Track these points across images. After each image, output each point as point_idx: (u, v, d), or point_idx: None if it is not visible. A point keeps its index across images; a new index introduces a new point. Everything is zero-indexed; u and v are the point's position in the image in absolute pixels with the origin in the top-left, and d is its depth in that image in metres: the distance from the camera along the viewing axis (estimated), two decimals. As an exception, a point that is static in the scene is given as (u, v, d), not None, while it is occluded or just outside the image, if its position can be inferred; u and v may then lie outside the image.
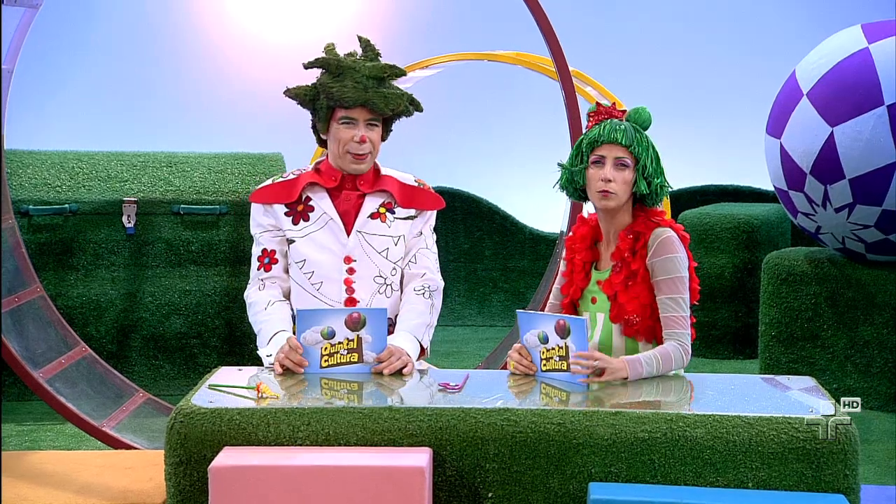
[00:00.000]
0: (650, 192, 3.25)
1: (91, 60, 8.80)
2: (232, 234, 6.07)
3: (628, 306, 3.23)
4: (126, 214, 5.95)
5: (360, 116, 3.37)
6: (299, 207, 3.43)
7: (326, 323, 3.16)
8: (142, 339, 6.00)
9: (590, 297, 3.33)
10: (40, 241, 5.89)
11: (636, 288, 3.23)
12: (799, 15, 8.97)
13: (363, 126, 3.37)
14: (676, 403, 2.95)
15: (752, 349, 6.77)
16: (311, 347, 3.17)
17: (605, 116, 3.31)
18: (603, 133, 3.25)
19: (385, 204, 3.46)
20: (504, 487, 2.78)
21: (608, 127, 3.26)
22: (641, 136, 3.28)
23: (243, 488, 2.65)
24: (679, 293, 3.21)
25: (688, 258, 3.26)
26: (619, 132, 3.24)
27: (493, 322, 8.19)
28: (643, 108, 3.32)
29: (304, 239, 3.41)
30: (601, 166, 3.24)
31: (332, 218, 3.41)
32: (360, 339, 3.17)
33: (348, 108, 3.36)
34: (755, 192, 8.39)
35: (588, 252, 3.35)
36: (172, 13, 8.87)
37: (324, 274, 3.39)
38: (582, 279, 3.34)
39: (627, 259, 3.25)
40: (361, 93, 3.35)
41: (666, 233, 3.24)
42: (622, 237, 3.27)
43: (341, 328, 3.16)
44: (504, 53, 6.93)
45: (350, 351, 3.17)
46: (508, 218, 8.47)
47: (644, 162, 3.24)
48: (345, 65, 3.38)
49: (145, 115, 8.74)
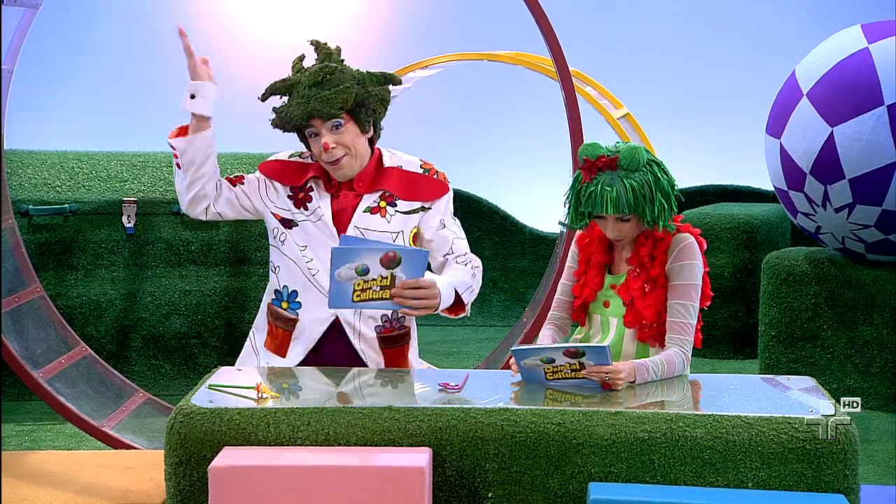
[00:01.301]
0: (660, 224, 3.20)
1: (91, 60, 8.81)
2: (232, 235, 6.07)
3: (645, 312, 3.22)
4: (126, 214, 5.96)
5: (319, 125, 3.29)
6: (300, 195, 3.40)
7: (361, 260, 3.10)
8: (142, 339, 6.01)
9: (602, 301, 3.30)
10: (40, 241, 5.89)
11: (654, 294, 3.22)
12: (799, 15, 8.98)
13: (326, 133, 3.29)
14: (676, 403, 2.95)
15: (752, 349, 6.77)
16: (344, 283, 3.11)
17: (596, 171, 3.17)
18: (598, 204, 3.15)
19: (385, 197, 3.39)
20: (504, 487, 2.78)
21: (603, 196, 3.14)
22: (638, 187, 3.14)
23: (243, 488, 2.65)
24: (690, 300, 3.20)
25: (703, 264, 3.25)
26: (610, 202, 3.13)
27: (493, 322, 8.19)
28: (635, 151, 3.15)
29: (307, 223, 3.37)
30: (605, 221, 3.20)
31: (324, 216, 3.35)
32: (395, 277, 3.12)
33: (300, 125, 3.31)
34: (755, 192, 8.39)
35: (604, 255, 3.32)
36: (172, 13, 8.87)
37: (321, 265, 3.35)
38: (598, 282, 3.31)
39: (647, 264, 3.23)
40: (304, 106, 3.27)
41: (687, 239, 3.24)
42: (641, 241, 3.25)
43: (376, 266, 3.10)
44: (504, 53, 6.93)
45: (383, 288, 3.12)
46: (508, 218, 8.48)
47: (643, 215, 3.16)
48: (290, 82, 3.33)
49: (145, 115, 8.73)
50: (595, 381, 3.02)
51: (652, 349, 3.25)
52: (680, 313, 3.20)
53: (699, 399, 3.06)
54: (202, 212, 3.46)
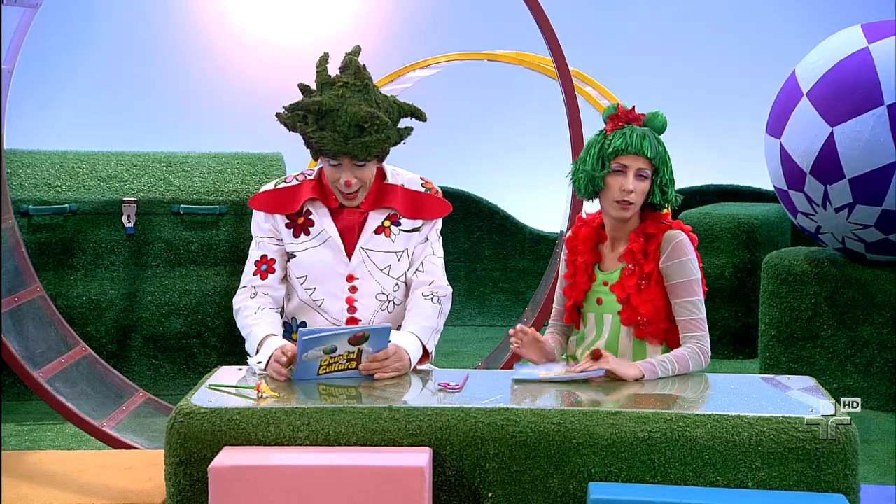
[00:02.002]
0: (663, 200, 3.25)
1: (91, 60, 8.80)
2: (232, 234, 6.07)
3: (641, 309, 3.22)
4: (126, 214, 5.96)
5: (345, 161, 3.23)
6: (300, 220, 3.35)
7: (330, 343, 3.07)
8: (142, 338, 6.00)
9: (595, 299, 3.31)
10: (40, 241, 5.89)
11: (649, 291, 3.22)
12: (799, 15, 8.97)
13: (348, 169, 3.23)
14: (676, 403, 2.95)
15: (752, 349, 6.77)
16: (311, 361, 3.10)
17: (625, 121, 3.25)
18: (630, 142, 3.19)
19: (390, 216, 3.36)
20: (504, 487, 2.78)
21: (635, 136, 3.20)
22: (661, 144, 3.24)
23: (243, 488, 2.65)
24: (695, 295, 3.21)
25: (697, 260, 3.26)
26: (645, 143, 3.19)
27: (493, 322, 8.19)
28: (660, 114, 3.27)
29: (305, 253, 3.34)
30: (622, 175, 3.19)
31: (332, 236, 3.33)
32: (361, 351, 3.12)
33: (329, 157, 3.24)
34: (755, 191, 8.39)
35: (591, 254, 3.33)
36: (172, 13, 8.87)
37: (326, 291, 3.33)
38: (585, 281, 3.31)
39: (640, 261, 3.23)
40: (342, 145, 3.18)
41: (679, 236, 3.24)
42: (633, 238, 3.25)
43: (343, 345, 3.09)
44: (504, 53, 6.93)
45: (349, 360, 3.13)
46: (508, 218, 8.47)
47: (662, 173, 3.22)
48: (326, 108, 3.19)
49: (145, 115, 8.74)
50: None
51: (650, 346, 3.25)
52: (688, 311, 3.21)
53: (699, 399, 3.06)
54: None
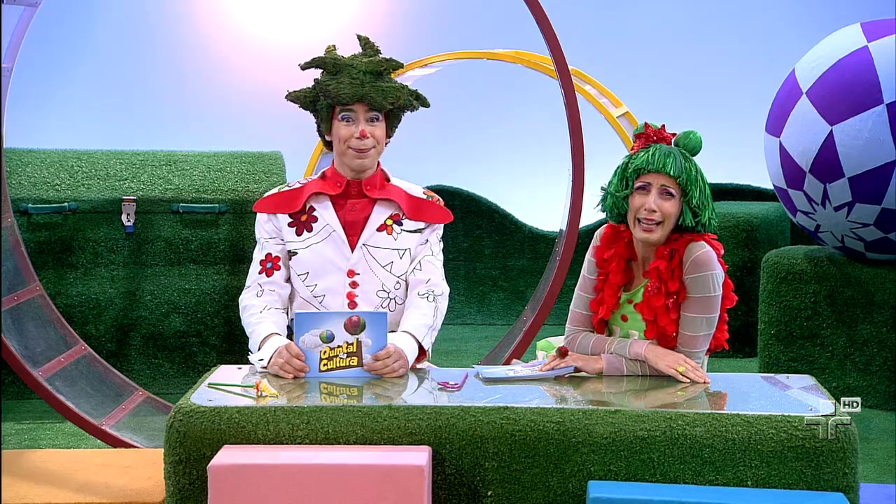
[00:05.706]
0: (696, 224, 3.13)
1: (91, 59, 8.80)
2: (231, 233, 6.06)
3: (669, 329, 3.15)
4: (125, 213, 5.95)
5: (360, 112, 3.36)
6: (303, 217, 3.40)
7: (325, 326, 3.14)
8: (141, 337, 6.00)
9: (619, 316, 3.25)
10: (40, 240, 5.89)
11: (677, 309, 3.14)
12: (799, 14, 8.97)
13: (363, 121, 3.36)
14: (676, 402, 2.95)
15: (752, 348, 6.77)
16: (310, 351, 3.16)
17: (653, 140, 3.16)
18: (651, 161, 3.09)
19: (393, 216, 3.42)
20: (503, 486, 2.78)
21: (657, 154, 3.10)
22: (691, 164, 3.13)
23: (242, 487, 2.65)
24: (707, 313, 3.14)
25: (723, 271, 3.15)
26: (668, 161, 3.09)
27: (493, 321, 8.18)
28: (694, 134, 3.16)
29: (307, 251, 3.38)
30: (645, 193, 3.11)
31: (336, 230, 3.38)
32: (360, 343, 3.15)
33: (346, 104, 3.35)
34: (754, 190, 8.38)
35: (623, 275, 3.22)
36: (172, 12, 8.86)
37: (327, 287, 3.36)
38: (615, 303, 3.22)
39: (665, 279, 3.12)
40: (358, 88, 3.33)
41: (701, 248, 3.12)
42: (659, 253, 3.15)
43: (340, 332, 3.14)
44: (504, 52, 6.93)
45: (349, 355, 3.16)
46: (508, 217, 8.47)
47: (692, 194, 3.10)
48: (341, 62, 3.38)
49: (145, 114, 8.73)
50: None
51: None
52: (690, 326, 3.15)
53: (699, 397, 3.06)
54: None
